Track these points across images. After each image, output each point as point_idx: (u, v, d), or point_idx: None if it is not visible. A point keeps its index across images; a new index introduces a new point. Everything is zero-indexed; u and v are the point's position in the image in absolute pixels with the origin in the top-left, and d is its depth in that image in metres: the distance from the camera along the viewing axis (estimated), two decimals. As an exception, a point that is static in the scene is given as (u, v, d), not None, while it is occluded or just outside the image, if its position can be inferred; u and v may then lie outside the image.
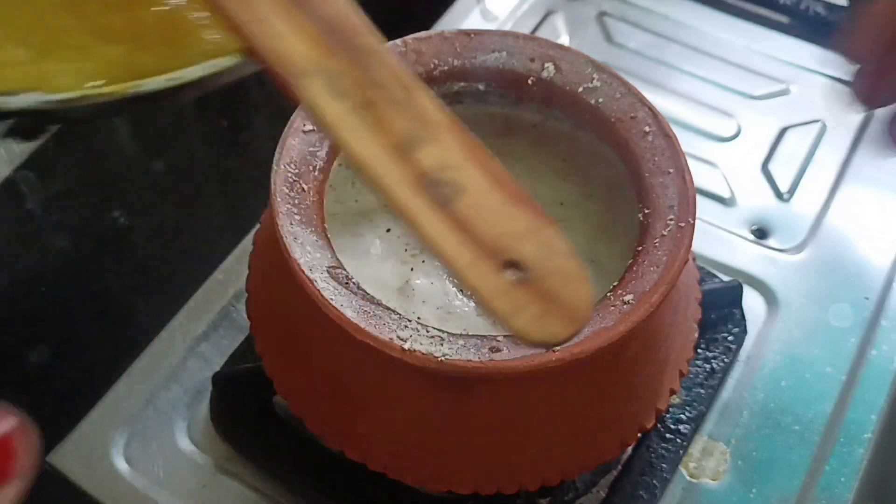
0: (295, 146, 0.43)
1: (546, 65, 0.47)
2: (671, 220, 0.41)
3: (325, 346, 0.42)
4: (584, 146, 0.49)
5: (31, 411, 0.33)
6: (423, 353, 0.37)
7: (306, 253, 0.39)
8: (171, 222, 0.64)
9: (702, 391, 0.54)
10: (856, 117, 0.70)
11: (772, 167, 0.66)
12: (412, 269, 0.45)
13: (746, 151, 0.68)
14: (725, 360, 0.55)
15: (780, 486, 0.52)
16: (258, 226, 0.49)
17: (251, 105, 0.70)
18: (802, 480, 0.52)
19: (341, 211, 0.46)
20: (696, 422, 0.53)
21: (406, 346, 0.37)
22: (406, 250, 0.45)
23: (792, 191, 0.65)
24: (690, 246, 0.41)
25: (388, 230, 0.45)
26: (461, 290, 0.44)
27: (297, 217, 0.41)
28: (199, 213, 0.65)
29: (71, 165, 0.66)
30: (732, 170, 0.66)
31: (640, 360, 0.42)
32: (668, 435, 0.52)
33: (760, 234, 0.63)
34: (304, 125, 0.43)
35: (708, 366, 0.55)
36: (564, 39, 0.74)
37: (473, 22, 0.72)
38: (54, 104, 0.30)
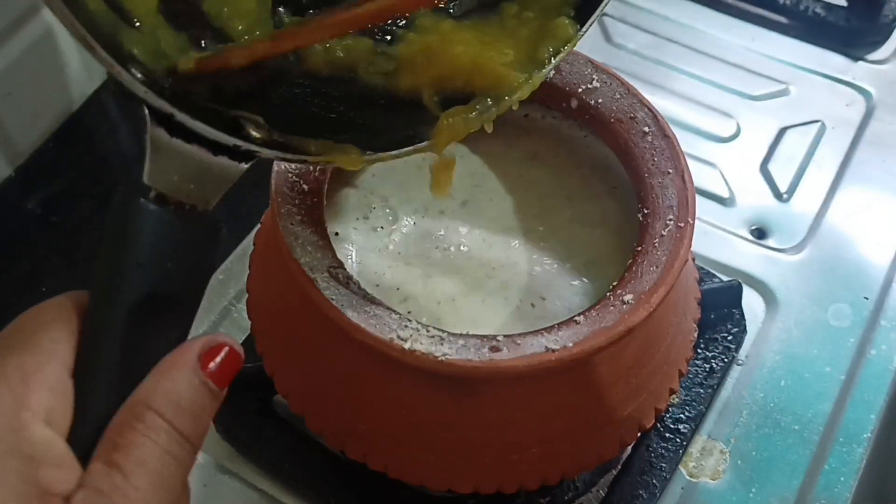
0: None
1: (546, 65, 0.47)
2: (671, 220, 0.41)
3: (325, 346, 0.42)
4: (582, 146, 0.49)
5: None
6: (423, 353, 0.37)
7: (307, 253, 0.40)
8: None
9: (701, 391, 0.54)
10: (855, 117, 0.70)
11: (771, 167, 0.67)
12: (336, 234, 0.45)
13: (745, 152, 0.68)
14: (725, 359, 0.55)
15: (780, 486, 0.52)
16: (259, 226, 0.49)
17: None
18: (802, 480, 0.52)
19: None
20: (696, 421, 0.53)
21: (406, 346, 0.37)
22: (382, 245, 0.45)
23: (791, 191, 0.65)
24: (690, 246, 0.41)
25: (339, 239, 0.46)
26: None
27: (297, 217, 0.41)
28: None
29: (71, 165, 0.66)
30: (732, 170, 0.66)
31: (639, 360, 0.42)
32: (667, 434, 0.52)
33: (760, 234, 0.63)
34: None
35: (707, 365, 0.55)
36: (564, 39, 0.74)
37: (473, 22, 0.72)
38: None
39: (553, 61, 0.39)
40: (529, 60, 0.39)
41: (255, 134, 0.35)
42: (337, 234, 0.45)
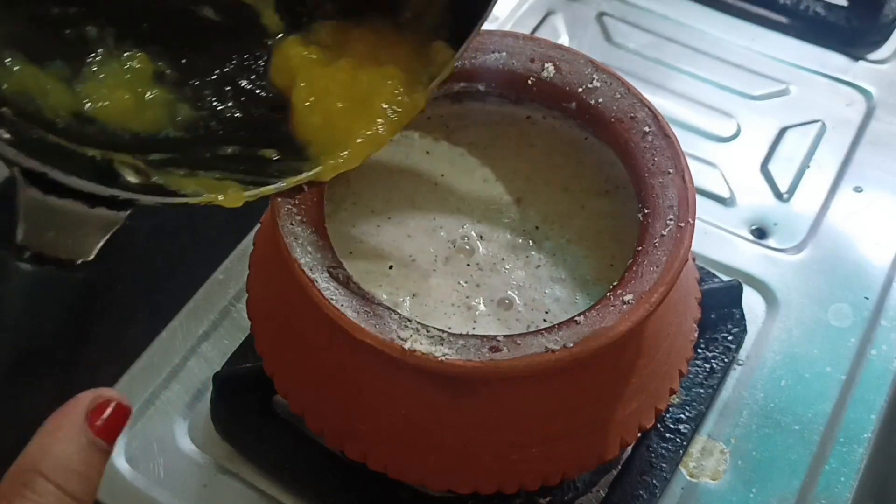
0: (295, 146, 0.42)
1: (546, 65, 0.47)
2: (671, 220, 0.41)
3: (325, 347, 0.42)
4: (583, 146, 0.49)
5: (31, 410, 0.33)
6: (423, 353, 0.37)
7: (307, 253, 0.40)
8: (171, 222, 0.64)
9: (701, 391, 0.54)
10: (855, 117, 0.70)
11: (771, 167, 0.67)
12: (390, 267, 0.45)
13: (746, 151, 0.68)
14: (725, 359, 0.55)
15: (780, 486, 0.52)
16: (259, 226, 0.49)
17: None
18: (802, 480, 0.52)
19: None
20: (696, 421, 0.53)
21: (406, 346, 0.37)
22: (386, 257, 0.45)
23: (791, 191, 0.65)
24: (690, 246, 0.41)
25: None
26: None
27: (297, 217, 0.41)
28: (200, 213, 0.65)
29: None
30: (732, 170, 0.66)
31: (640, 360, 0.42)
32: (667, 434, 0.52)
33: (760, 233, 0.63)
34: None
35: (707, 365, 0.55)
36: (564, 39, 0.74)
37: (473, 22, 0.72)
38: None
39: (431, 85, 0.40)
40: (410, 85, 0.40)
41: (131, 180, 0.34)
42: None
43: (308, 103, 0.40)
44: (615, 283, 0.40)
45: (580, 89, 0.46)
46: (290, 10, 0.42)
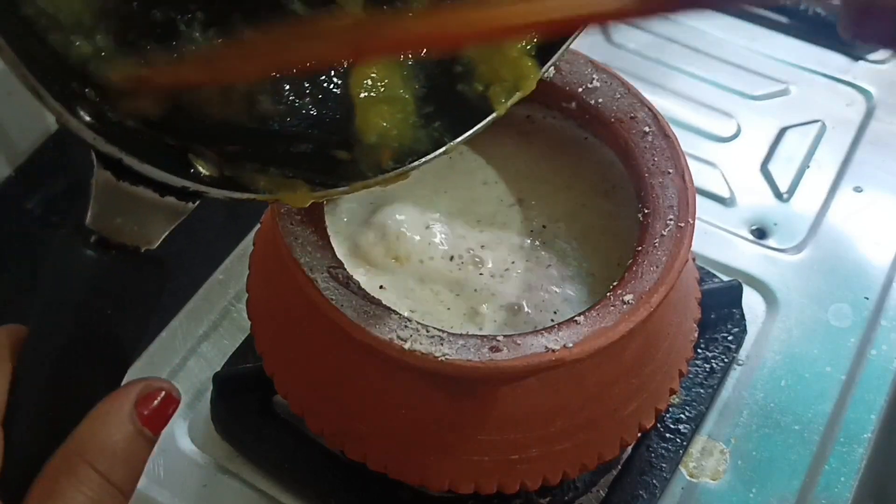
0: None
1: (546, 65, 0.47)
2: (671, 220, 0.41)
3: (325, 346, 0.42)
4: (583, 145, 0.49)
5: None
6: (423, 353, 0.37)
7: (307, 253, 0.40)
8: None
9: (701, 391, 0.54)
10: (855, 117, 0.70)
11: (771, 167, 0.67)
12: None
13: (746, 151, 0.68)
14: (725, 359, 0.55)
15: (780, 486, 0.52)
16: (258, 226, 0.49)
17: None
18: (802, 480, 0.52)
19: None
20: (696, 421, 0.53)
21: (406, 346, 0.37)
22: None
23: (791, 191, 0.65)
24: (690, 246, 0.41)
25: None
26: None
27: (297, 217, 0.41)
28: (200, 213, 0.65)
29: (71, 165, 0.66)
30: (732, 170, 0.66)
31: (639, 360, 0.42)
32: (667, 434, 0.52)
33: (760, 234, 0.63)
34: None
35: (707, 365, 0.55)
36: (564, 39, 0.74)
37: (473, 22, 0.72)
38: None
39: (511, 100, 0.39)
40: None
41: (203, 172, 0.34)
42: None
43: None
44: (615, 283, 0.40)
45: (580, 89, 0.46)
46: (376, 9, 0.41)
